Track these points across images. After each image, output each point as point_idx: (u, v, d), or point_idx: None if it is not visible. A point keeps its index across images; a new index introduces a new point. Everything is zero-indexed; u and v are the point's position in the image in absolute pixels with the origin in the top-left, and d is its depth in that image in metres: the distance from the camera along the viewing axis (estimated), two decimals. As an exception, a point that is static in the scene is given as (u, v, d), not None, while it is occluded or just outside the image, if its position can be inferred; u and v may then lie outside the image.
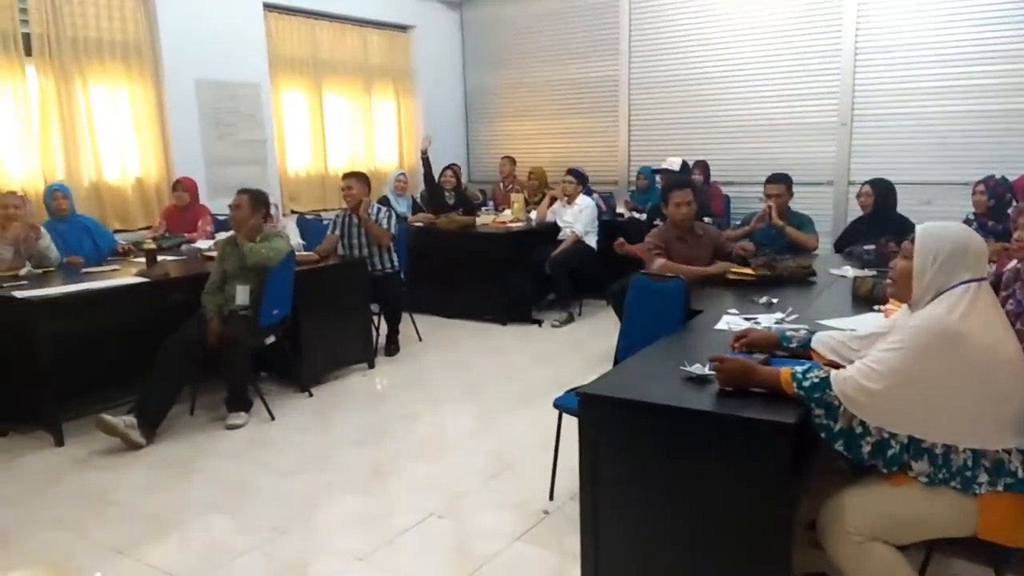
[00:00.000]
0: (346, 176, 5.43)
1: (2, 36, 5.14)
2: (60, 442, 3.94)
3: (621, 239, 4.98)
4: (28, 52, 5.31)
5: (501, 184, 8.04)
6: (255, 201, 4.27)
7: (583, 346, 5.68)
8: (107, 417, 3.84)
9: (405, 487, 3.46)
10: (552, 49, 8.26)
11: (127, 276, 4.34)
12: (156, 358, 3.99)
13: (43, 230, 4.63)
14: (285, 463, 3.73)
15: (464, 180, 8.24)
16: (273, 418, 4.27)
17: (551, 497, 3.23)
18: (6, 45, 5.16)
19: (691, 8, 7.32)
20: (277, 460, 3.77)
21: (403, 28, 8.24)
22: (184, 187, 5.72)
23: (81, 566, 2.85)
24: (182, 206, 5.71)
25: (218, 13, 6.26)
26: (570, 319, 6.39)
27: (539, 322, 6.36)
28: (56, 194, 4.93)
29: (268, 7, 6.76)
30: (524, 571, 2.75)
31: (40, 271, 4.47)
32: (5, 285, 4.08)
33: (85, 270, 4.54)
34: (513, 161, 8.00)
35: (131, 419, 3.88)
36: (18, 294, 3.87)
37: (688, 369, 2.28)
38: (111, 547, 2.96)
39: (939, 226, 2.04)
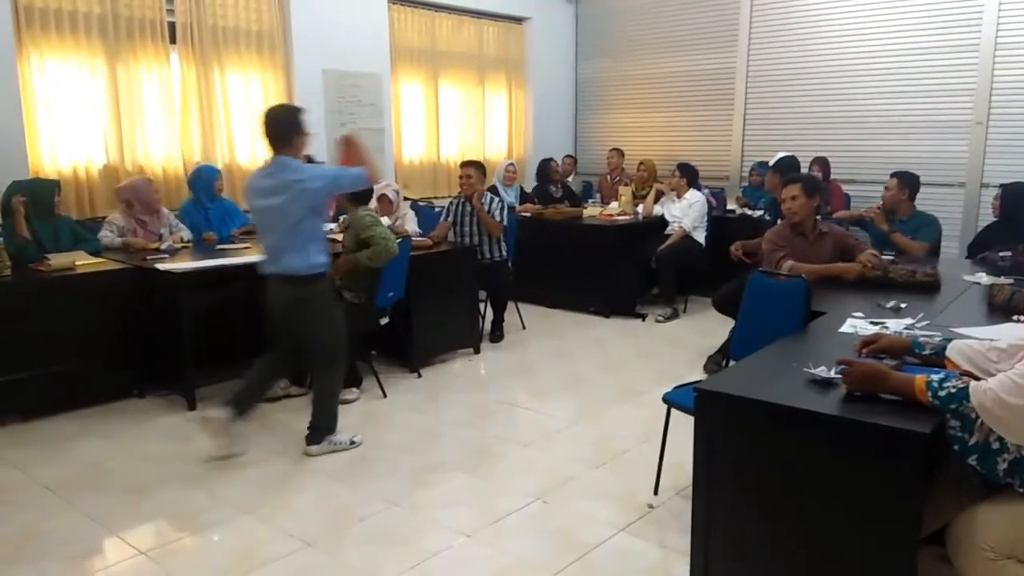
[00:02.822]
0: (465, 164, 5.56)
1: (150, 24, 5.52)
2: (193, 406, 4.23)
3: (738, 244, 4.89)
4: (172, 40, 5.68)
5: (608, 176, 8.01)
6: None
7: (687, 343, 5.61)
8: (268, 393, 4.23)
9: (510, 470, 3.54)
10: (667, 41, 8.14)
11: (257, 254, 4.58)
12: None
13: (165, 215, 4.99)
14: (397, 439, 3.88)
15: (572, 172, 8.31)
16: (385, 395, 4.44)
17: (656, 491, 3.23)
18: (153, 33, 5.55)
19: (816, -1, 7.07)
20: (390, 436, 3.93)
21: (518, 20, 8.31)
22: None
23: (209, 522, 3.06)
24: None
25: (345, 4, 6.52)
26: (674, 315, 6.32)
27: (643, 316, 6.32)
28: (219, 175, 5.32)
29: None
30: (627, 562, 2.77)
31: (178, 246, 4.78)
32: (148, 259, 4.40)
33: (219, 247, 4.84)
34: (621, 153, 7.96)
35: (284, 381, 4.34)
36: (160, 266, 4.17)
37: (812, 371, 2.23)
38: (236, 507, 3.16)
39: None
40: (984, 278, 3.73)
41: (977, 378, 2.02)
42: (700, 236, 6.41)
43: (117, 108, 5.42)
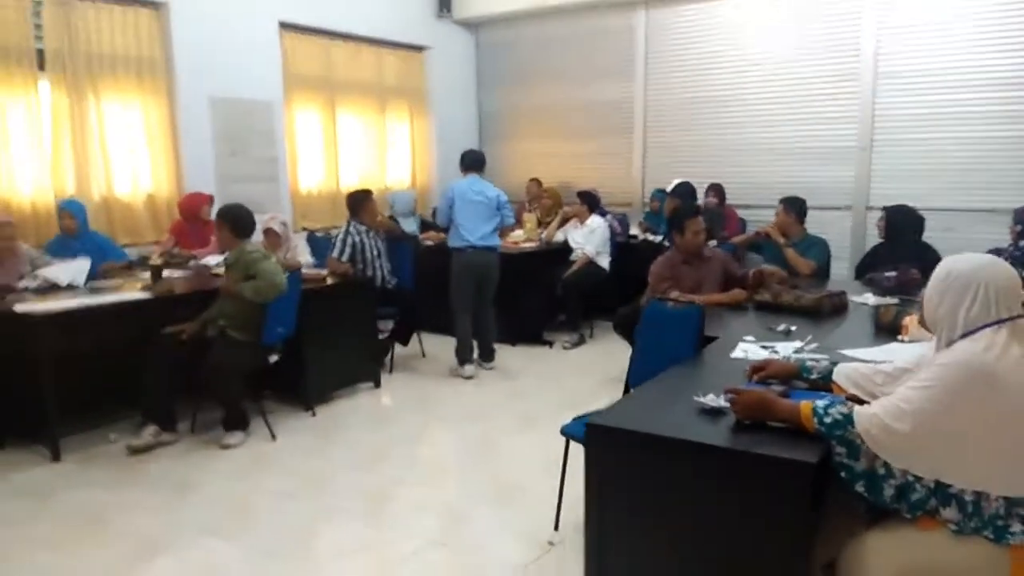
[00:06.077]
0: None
1: (16, 51, 5.12)
2: (57, 457, 3.87)
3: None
4: (42, 67, 5.30)
5: (527, 204, 7.94)
6: (218, 219, 4.25)
7: (593, 369, 5.56)
8: (135, 443, 3.96)
9: (406, 512, 3.35)
10: (567, 71, 8.20)
11: (131, 291, 4.28)
12: (149, 357, 4.01)
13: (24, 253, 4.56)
14: (284, 485, 3.63)
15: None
16: (275, 438, 4.17)
17: (556, 527, 3.11)
18: (19, 60, 5.14)
19: (708, 31, 7.26)
20: (276, 482, 3.67)
21: (418, 48, 8.21)
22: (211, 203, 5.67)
23: (68, 590, 2.76)
24: (206, 220, 5.62)
25: (234, 31, 6.25)
26: (581, 341, 6.29)
27: (550, 343, 6.26)
28: (63, 213, 4.83)
29: (284, 26, 6.74)
30: (526, 607, 2.64)
31: (48, 284, 4.38)
32: (8, 298, 4.02)
33: (89, 284, 4.46)
34: (539, 183, 7.90)
35: (152, 428, 4.01)
36: (19, 308, 3.81)
37: (702, 400, 2.17)
38: (99, 570, 2.87)
39: (958, 257, 1.95)
40: (871, 298, 3.81)
41: (863, 402, 2.00)
42: (604, 261, 6.42)
43: (-22, 138, 5.00)
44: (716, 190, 6.81)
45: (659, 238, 6.58)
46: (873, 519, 1.96)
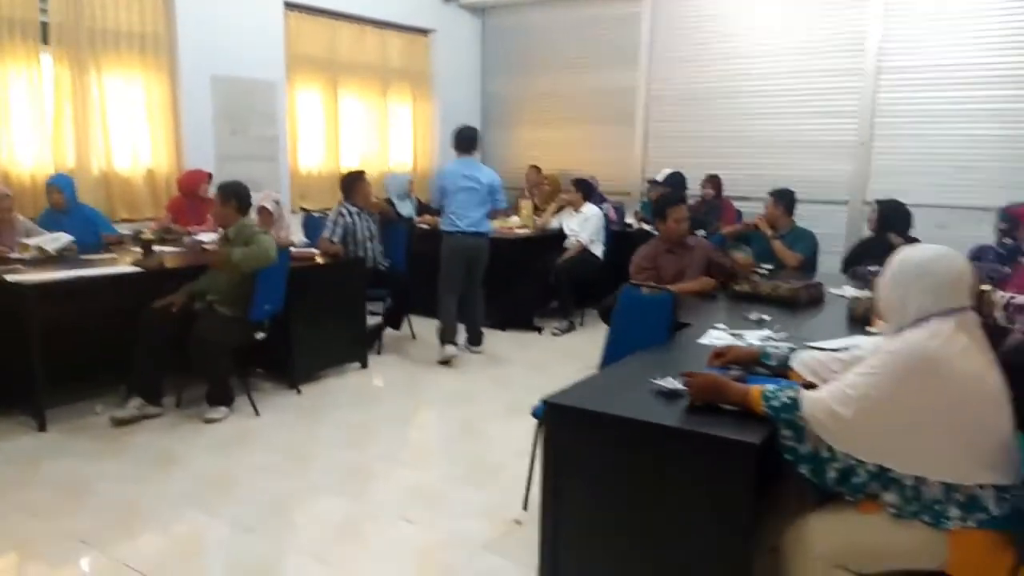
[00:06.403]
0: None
1: (20, 24, 5.18)
2: (43, 427, 3.93)
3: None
4: (45, 40, 5.35)
5: (527, 191, 7.94)
6: (222, 195, 4.27)
7: (580, 355, 5.56)
8: (120, 414, 4.01)
9: (381, 491, 3.40)
10: (571, 58, 8.20)
11: (121, 265, 4.33)
12: (138, 330, 4.04)
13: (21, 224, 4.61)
14: (264, 460, 3.69)
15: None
16: (258, 414, 4.23)
17: (525, 507, 3.15)
18: (24, 33, 5.21)
19: (712, 22, 7.24)
20: (256, 457, 3.73)
21: (423, 32, 8.23)
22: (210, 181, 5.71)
23: (42, 553, 2.83)
24: (204, 198, 5.66)
25: (237, 10, 6.28)
26: (571, 328, 6.31)
27: (539, 329, 6.29)
28: (51, 188, 4.88)
29: (288, 6, 6.77)
30: (487, 582, 2.68)
31: (40, 256, 4.45)
32: (0, 269, 4.08)
33: (83, 257, 4.52)
34: (539, 170, 7.90)
35: (137, 401, 4.05)
36: (10, 278, 3.87)
37: (658, 382, 2.20)
38: (77, 537, 2.93)
39: (912, 247, 2.00)
40: (850, 291, 3.82)
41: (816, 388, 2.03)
42: (598, 250, 6.44)
43: (-22, 110, 5.07)
44: (713, 181, 6.81)
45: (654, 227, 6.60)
46: (820, 503, 1.99)
